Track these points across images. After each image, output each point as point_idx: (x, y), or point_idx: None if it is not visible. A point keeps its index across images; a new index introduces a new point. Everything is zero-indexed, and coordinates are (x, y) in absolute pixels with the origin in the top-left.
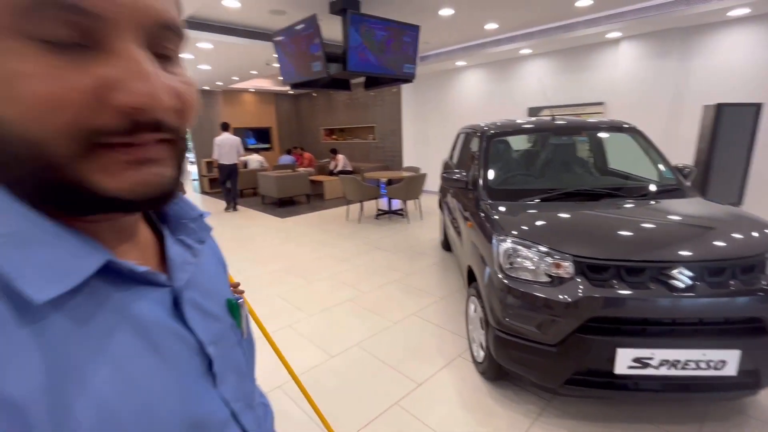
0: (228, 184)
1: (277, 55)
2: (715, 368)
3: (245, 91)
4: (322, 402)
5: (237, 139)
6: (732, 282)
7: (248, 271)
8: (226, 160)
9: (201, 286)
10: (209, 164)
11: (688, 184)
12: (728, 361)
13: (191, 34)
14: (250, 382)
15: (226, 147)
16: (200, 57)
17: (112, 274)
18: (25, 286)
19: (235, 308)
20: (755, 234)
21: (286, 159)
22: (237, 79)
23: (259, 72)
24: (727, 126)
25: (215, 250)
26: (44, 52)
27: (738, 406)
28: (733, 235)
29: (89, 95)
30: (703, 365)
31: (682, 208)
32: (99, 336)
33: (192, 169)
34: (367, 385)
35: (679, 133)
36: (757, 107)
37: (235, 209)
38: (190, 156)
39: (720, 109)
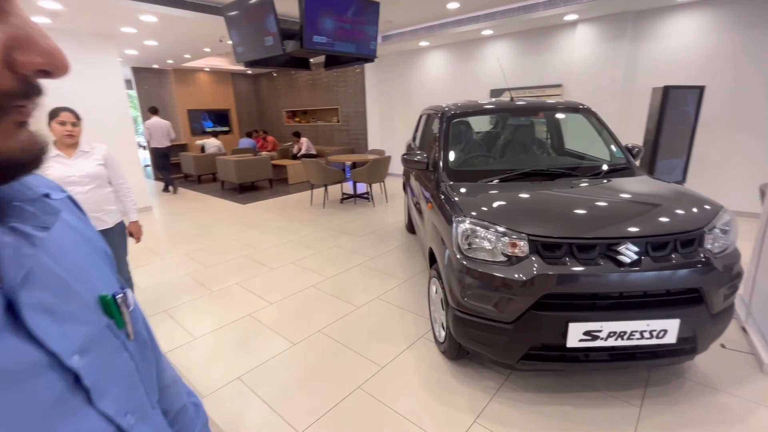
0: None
1: (229, 32)
2: (658, 337)
3: (200, 70)
4: (284, 391)
5: (167, 123)
6: (673, 255)
7: (207, 260)
8: (158, 144)
9: (53, 282)
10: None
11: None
12: (669, 329)
13: (133, 5)
14: (146, 391)
15: (158, 131)
16: (145, 31)
17: None
18: None
19: (111, 305)
20: (695, 210)
21: (245, 142)
22: (189, 57)
23: (212, 50)
24: (673, 107)
25: (88, 236)
26: None
27: (677, 370)
28: (676, 211)
29: None
30: (646, 335)
31: (631, 187)
32: None
33: (144, 155)
34: (330, 371)
35: (631, 114)
36: (700, 90)
37: (175, 192)
38: (141, 141)
39: (667, 91)
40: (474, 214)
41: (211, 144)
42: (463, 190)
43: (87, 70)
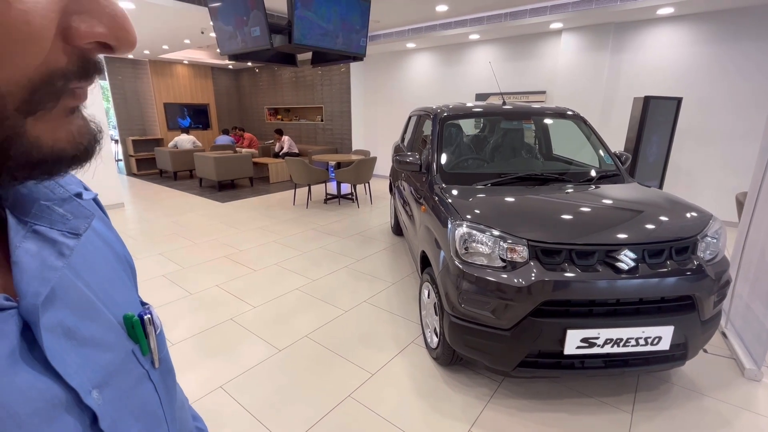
0: None
1: (212, 23)
2: (652, 344)
3: (178, 62)
4: (270, 400)
5: None
6: (668, 263)
7: (184, 261)
8: None
9: (77, 299)
10: (137, 143)
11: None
12: (663, 336)
13: None
14: (169, 427)
15: None
16: None
17: None
18: None
19: (137, 327)
20: (689, 217)
21: (223, 139)
22: (167, 48)
23: (192, 42)
24: (652, 117)
25: (112, 243)
26: None
27: (664, 375)
28: (670, 218)
29: (55, 24)
30: (642, 342)
31: (623, 193)
32: None
33: (115, 149)
34: (319, 379)
35: (611, 123)
36: (678, 101)
37: None
38: (113, 134)
39: (648, 101)
40: (471, 217)
41: (185, 140)
42: (457, 192)
43: None
